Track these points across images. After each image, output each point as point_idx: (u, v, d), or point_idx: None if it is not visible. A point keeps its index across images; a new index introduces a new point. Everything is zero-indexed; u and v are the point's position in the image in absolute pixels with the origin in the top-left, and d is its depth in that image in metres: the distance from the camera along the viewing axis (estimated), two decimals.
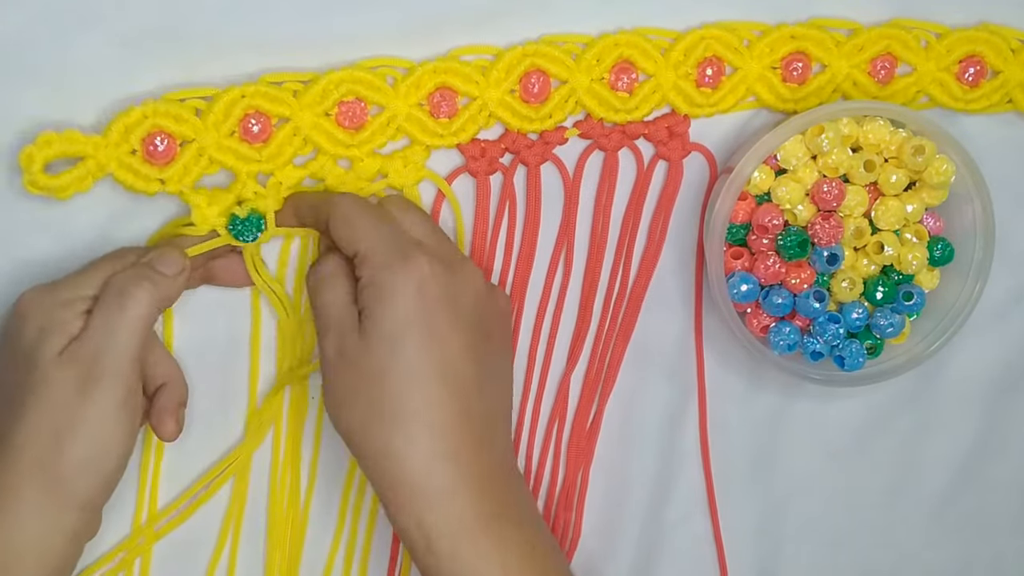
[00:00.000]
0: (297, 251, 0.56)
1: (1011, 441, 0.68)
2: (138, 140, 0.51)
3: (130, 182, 0.52)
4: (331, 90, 0.53)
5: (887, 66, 0.59)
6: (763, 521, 0.66)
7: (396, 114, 0.54)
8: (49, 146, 0.50)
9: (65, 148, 0.50)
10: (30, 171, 0.50)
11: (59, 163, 0.51)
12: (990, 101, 0.61)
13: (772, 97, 0.59)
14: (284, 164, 0.53)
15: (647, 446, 0.63)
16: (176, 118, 0.51)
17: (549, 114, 0.56)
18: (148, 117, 0.51)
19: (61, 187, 0.51)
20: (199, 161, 0.52)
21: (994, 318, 0.65)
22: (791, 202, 0.58)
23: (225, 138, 0.52)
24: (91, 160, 0.51)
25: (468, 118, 0.55)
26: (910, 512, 0.68)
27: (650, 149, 0.59)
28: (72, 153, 0.51)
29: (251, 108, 0.52)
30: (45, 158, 0.50)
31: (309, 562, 0.60)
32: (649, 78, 0.57)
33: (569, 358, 0.61)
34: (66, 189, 0.51)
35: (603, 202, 0.59)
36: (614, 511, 0.63)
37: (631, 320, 0.61)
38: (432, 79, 0.54)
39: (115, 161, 0.51)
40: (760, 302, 0.59)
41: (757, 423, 0.64)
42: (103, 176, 0.51)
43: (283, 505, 0.59)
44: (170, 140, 0.52)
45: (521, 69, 0.55)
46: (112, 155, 0.51)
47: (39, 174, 0.50)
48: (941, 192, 0.59)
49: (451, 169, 0.57)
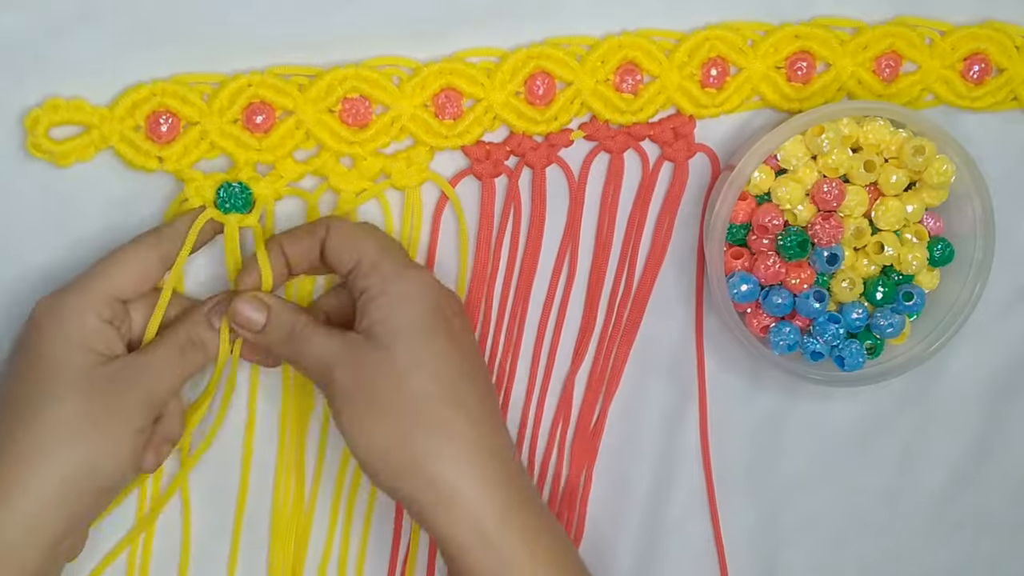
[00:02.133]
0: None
1: (1011, 441, 0.68)
2: (143, 116, 0.52)
3: (130, 156, 0.52)
4: (335, 86, 0.53)
5: (892, 64, 0.59)
6: (763, 521, 0.66)
7: (401, 114, 0.54)
8: (55, 111, 0.51)
9: (71, 115, 0.51)
10: (34, 133, 0.51)
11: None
12: (995, 98, 0.61)
13: (777, 97, 0.59)
14: (284, 156, 0.54)
15: (647, 446, 0.63)
16: (183, 99, 0.52)
17: (554, 116, 0.56)
18: (156, 95, 0.52)
19: (63, 153, 0.51)
20: (200, 144, 0.53)
21: (994, 318, 0.65)
22: (791, 202, 0.58)
23: (228, 124, 0.53)
24: (95, 130, 0.52)
25: (473, 120, 0.55)
26: (910, 512, 0.68)
27: (655, 150, 0.59)
28: (77, 121, 0.51)
29: (256, 98, 0.53)
30: (50, 122, 0.51)
31: (311, 562, 0.60)
32: (654, 79, 0.57)
33: (573, 359, 0.61)
34: (67, 156, 0.52)
35: (608, 204, 0.59)
36: (614, 510, 0.63)
37: (635, 321, 0.61)
38: (437, 80, 0.54)
39: (118, 134, 0.52)
40: (760, 302, 0.59)
41: (757, 423, 0.64)
42: (105, 147, 0.52)
43: (287, 508, 0.59)
44: (174, 120, 0.52)
45: (526, 71, 0.55)
46: (116, 128, 0.52)
47: (43, 137, 0.51)
48: (941, 192, 0.59)
49: (455, 170, 0.57)
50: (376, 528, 0.61)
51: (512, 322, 0.59)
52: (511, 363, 0.60)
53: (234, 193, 0.53)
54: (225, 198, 0.53)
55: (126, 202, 0.54)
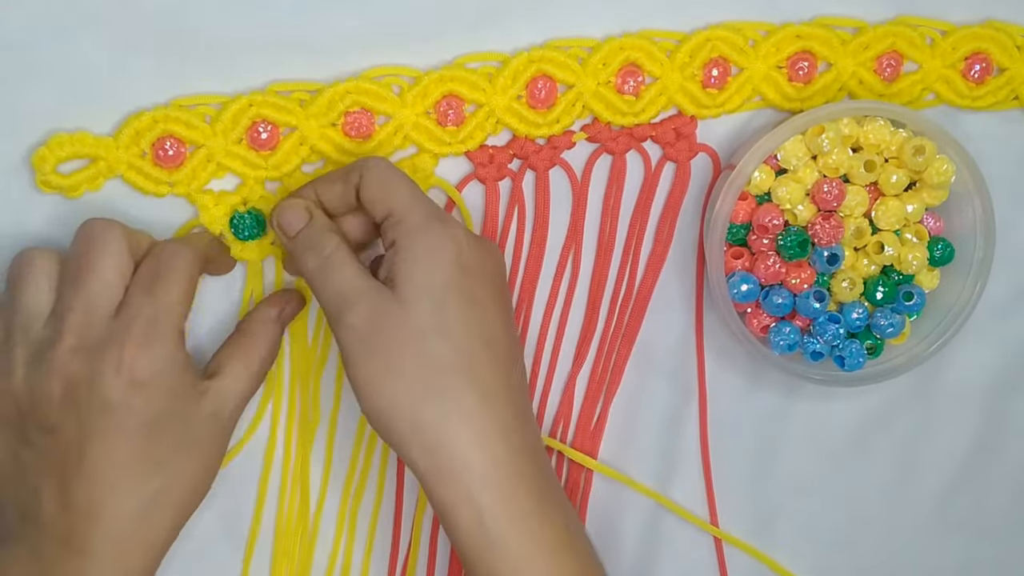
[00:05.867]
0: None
1: (1011, 441, 0.68)
2: (148, 144, 0.53)
3: (140, 184, 0.53)
4: (336, 101, 0.54)
5: (893, 64, 0.59)
6: (763, 521, 0.66)
7: (403, 123, 0.54)
8: (61, 148, 0.52)
9: (76, 150, 0.52)
10: (42, 171, 0.51)
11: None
12: (996, 98, 0.61)
13: (778, 97, 0.59)
14: (291, 172, 0.54)
15: (647, 445, 0.63)
16: (186, 124, 0.53)
17: (556, 119, 0.56)
18: (159, 122, 0.52)
19: (72, 186, 0.52)
20: (207, 167, 0.53)
21: (994, 318, 0.65)
22: (791, 202, 0.58)
23: (233, 145, 0.53)
24: (102, 162, 0.52)
25: (475, 125, 0.55)
26: (910, 512, 0.68)
27: (657, 151, 0.59)
28: (83, 155, 0.52)
29: (259, 117, 0.53)
30: (57, 159, 0.52)
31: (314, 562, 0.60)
32: (655, 80, 0.57)
33: (575, 359, 0.61)
34: (77, 188, 0.52)
35: (611, 205, 0.59)
36: (614, 510, 0.63)
37: (636, 321, 0.61)
38: (438, 87, 0.54)
39: (125, 164, 0.53)
40: (760, 302, 0.59)
41: (757, 423, 0.64)
42: (113, 176, 0.53)
43: (292, 514, 0.59)
44: (179, 145, 0.53)
45: (527, 75, 0.55)
46: (122, 157, 0.52)
47: (51, 174, 0.52)
48: (941, 192, 0.59)
49: (459, 175, 0.57)
50: (380, 536, 0.61)
51: (516, 322, 0.59)
52: None
53: (246, 223, 0.54)
54: (239, 228, 0.54)
55: (142, 226, 0.53)
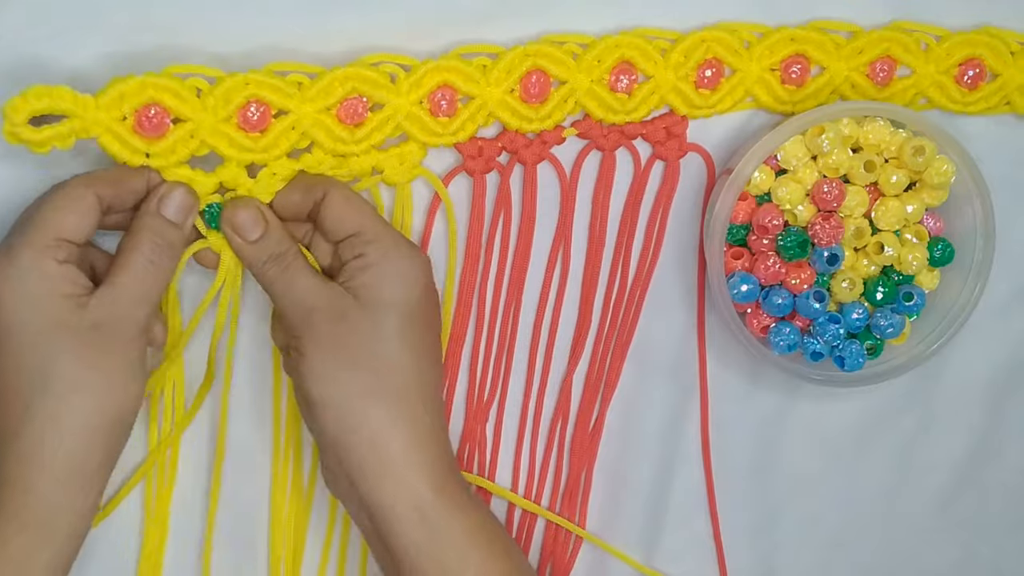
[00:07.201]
0: None
1: (1011, 441, 0.68)
2: (131, 109, 0.50)
3: (115, 150, 0.50)
4: (336, 86, 0.52)
5: (886, 68, 0.59)
6: (763, 521, 0.66)
7: (396, 111, 0.54)
8: (37, 99, 0.47)
9: (54, 104, 0.48)
10: (12, 121, 0.47)
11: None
12: (988, 104, 0.61)
13: (770, 99, 0.59)
14: (277, 157, 0.52)
15: (648, 446, 0.63)
16: (175, 94, 0.50)
17: (548, 114, 0.56)
18: (147, 88, 0.49)
19: (40, 141, 0.48)
20: (189, 142, 0.51)
21: (994, 318, 0.65)
22: (791, 202, 0.58)
23: (221, 123, 0.51)
24: (77, 120, 0.49)
25: (467, 117, 0.55)
26: (910, 512, 0.68)
27: (647, 149, 0.59)
28: (60, 110, 0.48)
29: (253, 96, 0.51)
30: (32, 110, 0.47)
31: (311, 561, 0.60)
32: (648, 79, 0.57)
33: (570, 359, 0.61)
34: (44, 144, 0.48)
35: (600, 201, 0.59)
36: (615, 511, 0.64)
37: (631, 320, 0.61)
38: (434, 77, 0.54)
39: (103, 125, 0.49)
40: (760, 302, 0.59)
41: (757, 423, 0.64)
42: (88, 137, 0.49)
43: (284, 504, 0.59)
44: (164, 115, 0.50)
45: (522, 69, 0.55)
46: (101, 119, 0.49)
47: (22, 126, 0.47)
48: (941, 192, 0.59)
49: (445, 166, 0.57)
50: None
51: (506, 319, 0.59)
52: (506, 360, 0.60)
53: (216, 215, 0.52)
54: (211, 218, 0.52)
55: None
